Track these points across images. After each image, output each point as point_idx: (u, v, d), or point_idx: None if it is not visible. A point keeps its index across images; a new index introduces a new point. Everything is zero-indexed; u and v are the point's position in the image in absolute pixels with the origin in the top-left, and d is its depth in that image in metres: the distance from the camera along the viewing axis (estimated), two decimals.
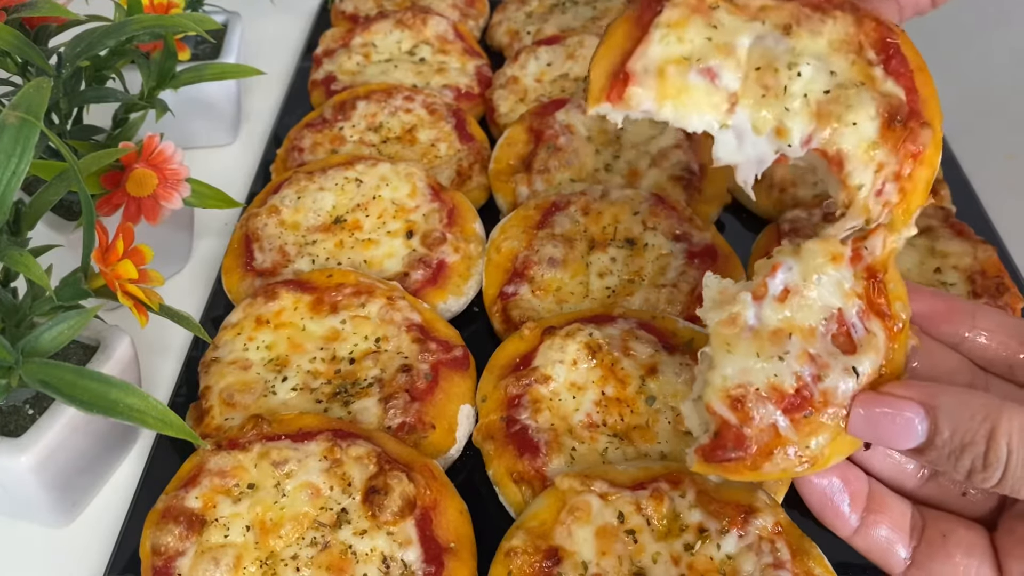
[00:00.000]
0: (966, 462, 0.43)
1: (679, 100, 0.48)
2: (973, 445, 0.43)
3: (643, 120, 0.86)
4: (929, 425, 0.44)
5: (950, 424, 0.44)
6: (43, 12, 0.62)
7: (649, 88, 0.48)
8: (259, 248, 0.76)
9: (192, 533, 0.54)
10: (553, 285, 0.73)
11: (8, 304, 0.56)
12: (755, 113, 0.48)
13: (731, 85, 0.48)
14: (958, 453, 0.43)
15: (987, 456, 0.43)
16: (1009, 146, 0.99)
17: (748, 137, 0.49)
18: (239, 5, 0.99)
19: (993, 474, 0.43)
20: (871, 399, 0.45)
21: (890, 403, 0.45)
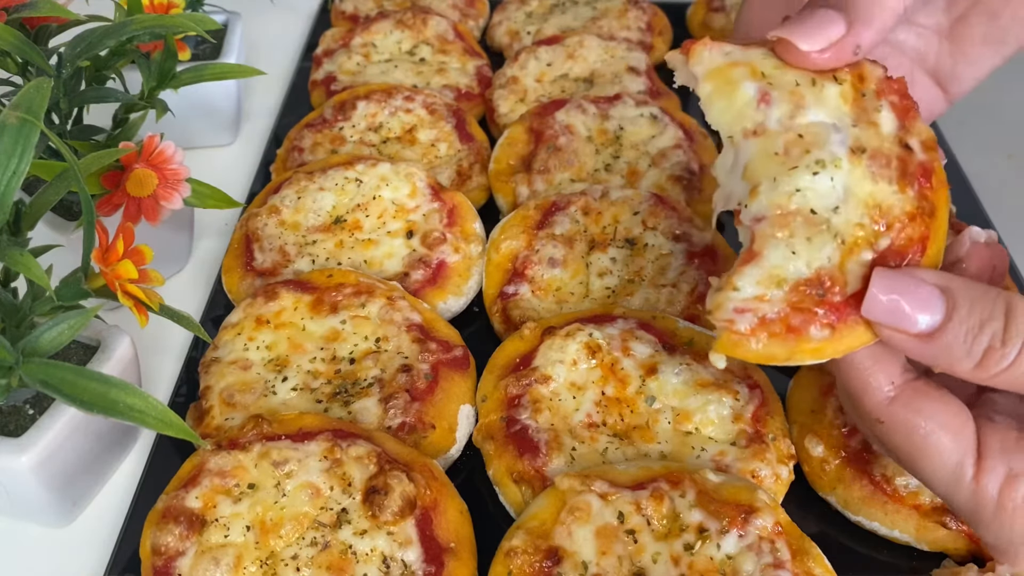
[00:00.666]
0: (984, 339, 0.43)
1: (721, 88, 0.47)
2: (992, 320, 0.43)
3: (643, 120, 0.87)
4: (946, 304, 0.43)
5: (968, 298, 0.43)
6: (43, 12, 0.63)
7: (712, 63, 0.47)
8: (259, 248, 0.76)
9: (192, 533, 0.54)
10: (553, 285, 0.73)
11: (8, 304, 0.56)
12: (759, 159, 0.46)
13: (769, 120, 0.46)
14: (976, 330, 0.43)
15: (1007, 330, 0.42)
16: (1009, 146, 0.99)
17: (737, 170, 0.48)
18: (239, 5, 0.99)
19: (1012, 350, 0.42)
20: (888, 275, 0.44)
21: (910, 278, 0.44)
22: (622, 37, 1.03)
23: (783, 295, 0.45)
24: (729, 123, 0.47)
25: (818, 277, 0.45)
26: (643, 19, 1.06)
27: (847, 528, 0.62)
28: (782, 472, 0.60)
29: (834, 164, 0.45)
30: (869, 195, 0.45)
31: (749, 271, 0.45)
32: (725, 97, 0.47)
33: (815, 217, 0.45)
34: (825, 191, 0.45)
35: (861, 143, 0.45)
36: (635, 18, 1.05)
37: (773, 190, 0.45)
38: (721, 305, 0.46)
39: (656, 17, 1.08)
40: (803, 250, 0.45)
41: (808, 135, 0.45)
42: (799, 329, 0.45)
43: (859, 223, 0.45)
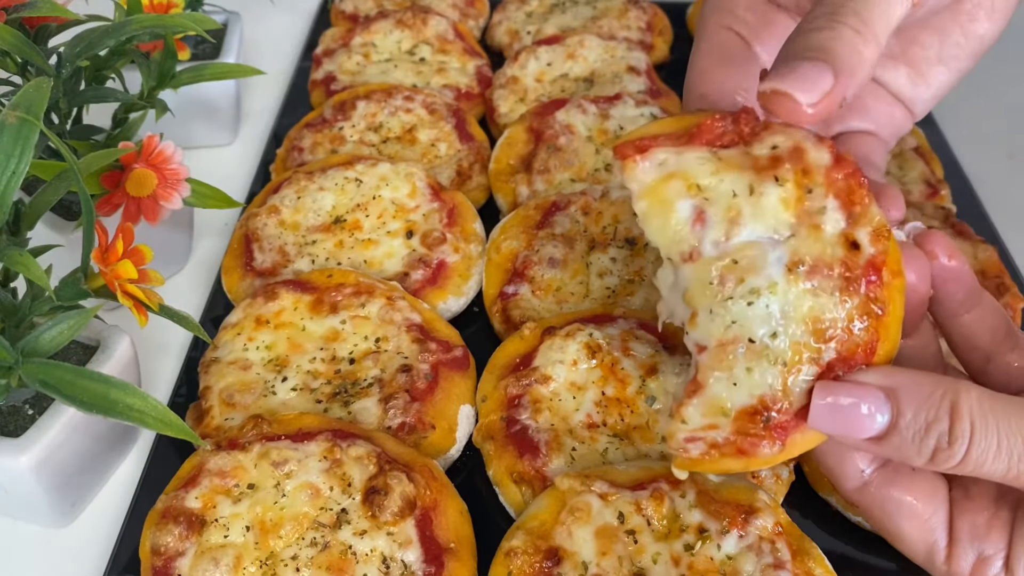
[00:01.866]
0: (931, 442, 0.43)
1: (655, 207, 0.47)
2: (937, 422, 0.43)
3: (644, 120, 0.86)
4: (891, 409, 0.44)
5: (912, 404, 0.43)
6: (43, 12, 0.62)
7: (646, 177, 0.47)
8: (259, 248, 0.76)
9: (192, 533, 0.54)
10: (553, 285, 0.73)
11: (8, 304, 0.56)
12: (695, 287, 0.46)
13: (704, 243, 0.46)
14: (922, 433, 0.43)
15: (952, 431, 0.42)
16: (1009, 146, 0.99)
17: (677, 291, 0.48)
18: (239, 5, 0.99)
19: (958, 450, 0.43)
20: (830, 387, 0.44)
21: (851, 390, 0.44)
22: (622, 37, 1.03)
23: (729, 423, 0.46)
24: (666, 245, 0.47)
25: (762, 403, 0.45)
26: (643, 19, 1.06)
27: (847, 528, 0.62)
28: (782, 472, 0.60)
29: (769, 290, 0.44)
30: (808, 312, 0.44)
31: (695, 403, 0.46)
32: (660, 216, 0.46)
33: (753, 346, 0.45)
34: (762, 318, 0.45)
35: (799, 256, 0.44)
36: (635, 18, 1.05)
37: (710, 321, 0.46)
38: (673, 435, 0.47)
39: (656, 17, 1.08)
40: (744, 381, 0.45)
41: (743, 260, 0.45)
42: (749, 450, 0.45)
43: (800, 343, 0.44)
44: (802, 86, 0.44)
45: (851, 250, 0.45)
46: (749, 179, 0.45)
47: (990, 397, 0.43)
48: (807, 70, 0.44)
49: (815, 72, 0.44)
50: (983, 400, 0.43)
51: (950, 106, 1.00)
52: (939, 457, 0.43)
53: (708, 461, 0.47)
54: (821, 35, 0.45)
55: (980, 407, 0.43)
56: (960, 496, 0.48)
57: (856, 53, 0.44)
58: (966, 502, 0.48)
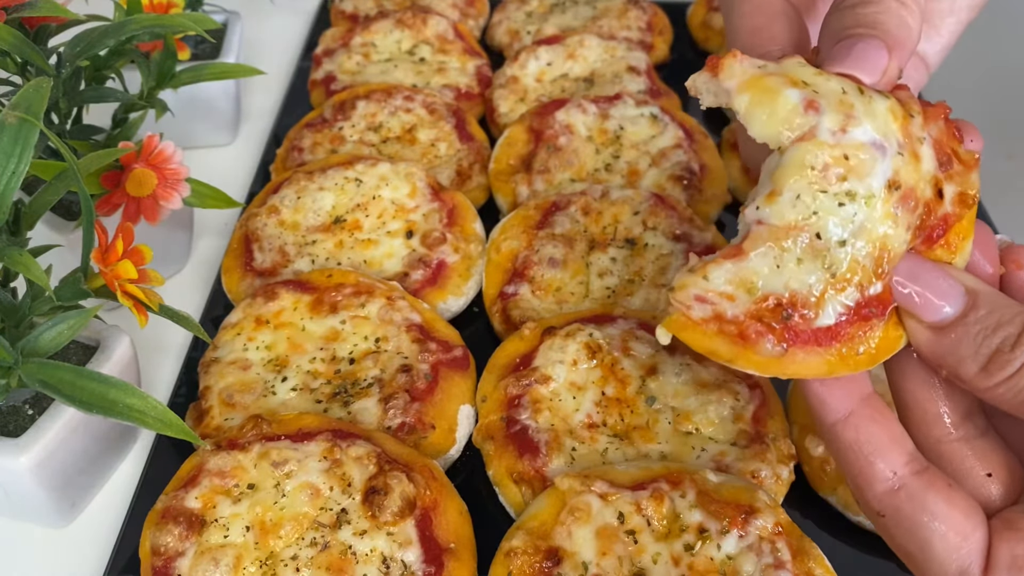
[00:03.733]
0: (994, 341, 0.42)
1: (760, 98, 0.43)
2: (1009, 325, 0.42)
3: (643, 120, 0.87)
4: (967, 302, 0.43)
5: (989, 304, 0.43)
6: (43, 12, 0.62)
7: (745, 74, 0.44)
8: (259, 248, 0.76)
9: (192, 533, 0.54)
10: (553, 285, 0.73)
11: (8, 304, 0.56)
12: (793, 167, 0.43)
13: (820, 129, 0.42)
14: (989, 331, 0.42)
15: (1020, 336, 0.42)
16: (1009, 146, 0.99)
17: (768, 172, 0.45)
18: (239, 5, 0.99)
19: (1020, 355, 0.42)
20: (920, 263, 0.44)
21: (941, 268, 0.44)
22: (622, 37, 1.03)
23: (750, 301, 0.43)
24: (775, 133, 0.43)
25: (792, 300, 0.43)
26: (643, 19, 1.06)
27: (847, 528, 0.62)
28: (782, 472, 0.60)
29: (866, 200, 0.42)
30: (882, 237, 0.43)
31: (727, 266, 0.43)
32: (766, 106, 0.43)
33: (818, 243, 0.43)
34: (844, 222, 0.42)
35: (899, 178, 0.43)
36: (635, 18, 1.05)
37: (791, 204, 0.43)
38: (685, 286, 0.44)
39: (656, 17, 1.08)
40: (789, 269, 0.43)
41: (854, 159, 0.42)
42: (752, 338, 0.43)
43: (860, 263, 0.43)
44: (863, 67, 0.44)
45: (937, 197, 0.44)
46: (854, 83, 0.44)
47: None
48: (863, 50, 0.44)
49: (872, 50, 0.44)
50: None
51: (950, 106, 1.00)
52: (996, 361, 0.42)
53: (702, 332, 0.44)
54: (868, 10, 0.44)
55: None
56: (1001, 525, 0.44)
57: (904, 25, 0.44)
58: (1008, 532, 0.44)
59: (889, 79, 0.44)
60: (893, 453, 0.45)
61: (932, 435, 0.47)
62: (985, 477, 0.46)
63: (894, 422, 0.46)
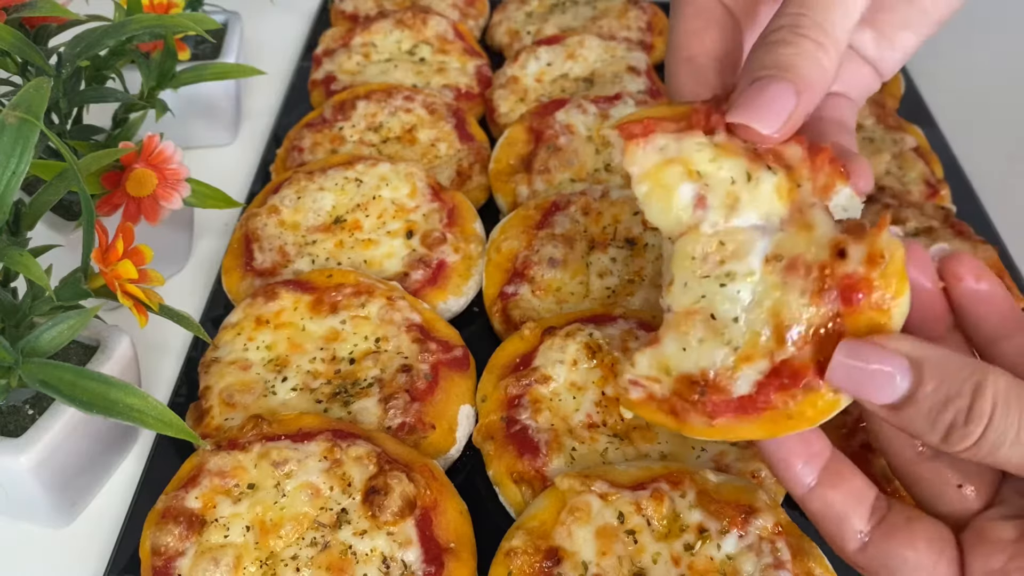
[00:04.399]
0: (947, 416, 0.42)
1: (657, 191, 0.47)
2: (958, 398, 0.42)
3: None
4: (913, 377, 0.43)
5: (936, 375, 0.42)
6: (43, 12, 0.62)
7: (647, 161, 0.47)
8: (259, 248, 0.76)
9: (192, 533, 0.54)
10: (553, 285, 0.73)
11: (8, 304, 0.56)
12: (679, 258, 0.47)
13: (704, 224, 0.46)
14: (940, 407, 0.42)
15: (971, 410, 0.41)
16: (1010, 146, 0.99)
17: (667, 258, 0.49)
18: (239, 5, 0.99)
19: (975, 429, 0.41)
20: (855, 345, 0.44)
21: (876, 351, 0.43)
22: (622, 37, 1.03)
23: (671, 382, 0.47)
24: (668, 226, 0.48)
25: (703, 376, 0.46)
26: (643, 19, 1.06)
27: None
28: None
29: (745, 277, 0.45)
30: (774, 307, 0.45)
31: (648, 353, 0.48)
32: (662, 200, 0.47)
33: (714, 323, 0.46)
34: (729, 300, 0.46)
35: (780, 250, 0.45)
36: (635, 18, 1.05)
37: (682, 292, 0.47)
38: (620, 374, 0.49)
39: (656, 17, 1.08)
40: (694, 350, 0.46)
41: (730, 244, 0.46)
42: (680, 414, 0.46)
43: (758, 334, 0.45)
44: (764, 117, 0.45)
45: (837, 257, 0.44)
46: (746, 166, 0.46)
47: (1019, 385, 0.42)
48: (770, 95, 0.45)
49: (777, 95, 0.45)
50: (1011, 386, 0.42)
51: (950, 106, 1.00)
52: (954, 435, 0.42)
53: (648, 409, 0.48)
54: (784, 51, 0.45)
55: (1006, 392, 0.41)
56: (973, 539, 0.46)
57: (818, 67, 0.45)
58: (980, 545, 0.46)
59: (793, 125, 0.45)
60: (856, 515, 0.47)
61: (904, 457, 0.49)
62: (957, 489, 0.48)
63: (855, 478, 0.48)
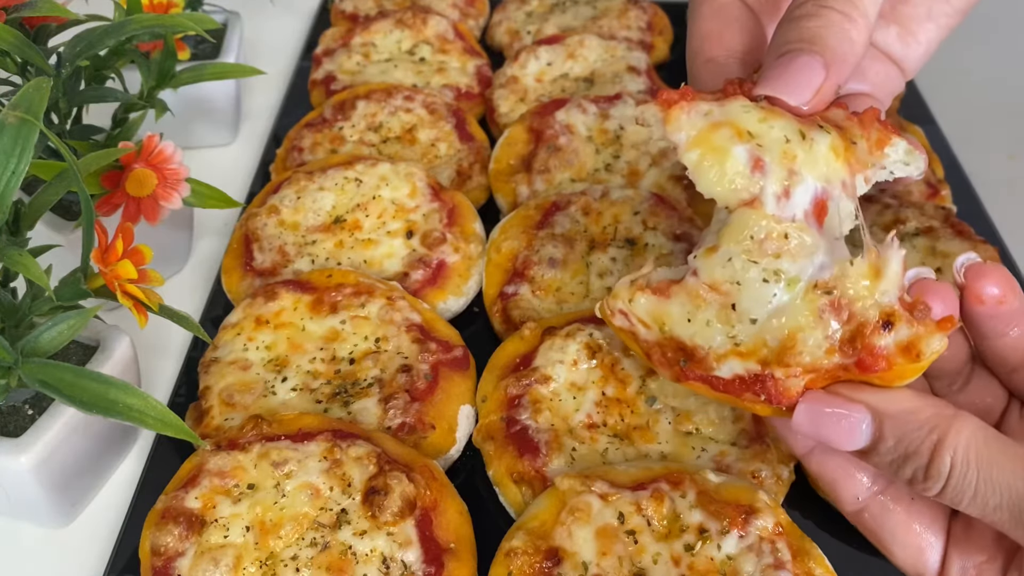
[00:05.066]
0: (907, 471, 0.43)
1: (709, 157, 0.44)
2: (917, 456, 0.42)
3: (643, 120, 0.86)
4: (874, 431, 0.43)
5: (895, 433, 0.43)
6: (43, 12, 0.62)
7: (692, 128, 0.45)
8: (259, 248, 0.75)
9: (192, 533, 0.54)
10: (553, 285, 0.73)
11: (8, 304, 0.56)
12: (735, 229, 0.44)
13: (765, 194, 0.43)
14: (900, 462, 0.43)
15: (929, 468, 0.42)
16: (1010, 146, 0.99)
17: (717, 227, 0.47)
18: (239, 5, 0.99)
19: (934, 485, 0.42)
20: (818, 398, 0.44)
21: (838, 404, 0.44)
22: (622, 36, 1.03)
23: (659, 335, 0.47)
24: (725, 194, 0.44)
25: (692, 351, 0.46)
26: (643, 18, 1.06)
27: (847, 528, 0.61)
28: (783, 472, 0.60)
29: (790, 283, 0.43)
30: (796, 330, 0.43)
31: (652, 300, 0.47)
32: (716, 165, 0.44)
33: (731, 312, 0.44)
34: (760, 299, 0.44)
35: (832, 284, 0.43)
36: (635, 17, 1.05)
37: (722, 264, 0.45)
38: (616, 296, 0.48)
39: (656, 16, 1.08)
40: (698, 326, 0.46)
41: (795, 241, 0.44)
42: (651, 359, 0.48)
43: (764, 343, 0.44)
44: (793, 89, 0.44)
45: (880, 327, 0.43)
46: (797, 125, 0.44)
47: (983, 440, 0.42)
48: (798, 68, 0.44)
49: (806, 69, 0.43)
50: (973, 442, 0.42)
51: (950, 106, 1.00)
52: (916, 487, 0.43)
53: (621, 333, 0.49)
54: (810, 24, 0.44)
55: (966, 450, 0.41)
56: (960, 531, 0.47)
57: (847, 40, 0.44)
58: (965, 542, 0.47)
59: (823, 97, 0.44)
60: (853, 482, 0.48)
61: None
62: None
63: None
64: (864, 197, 0.79)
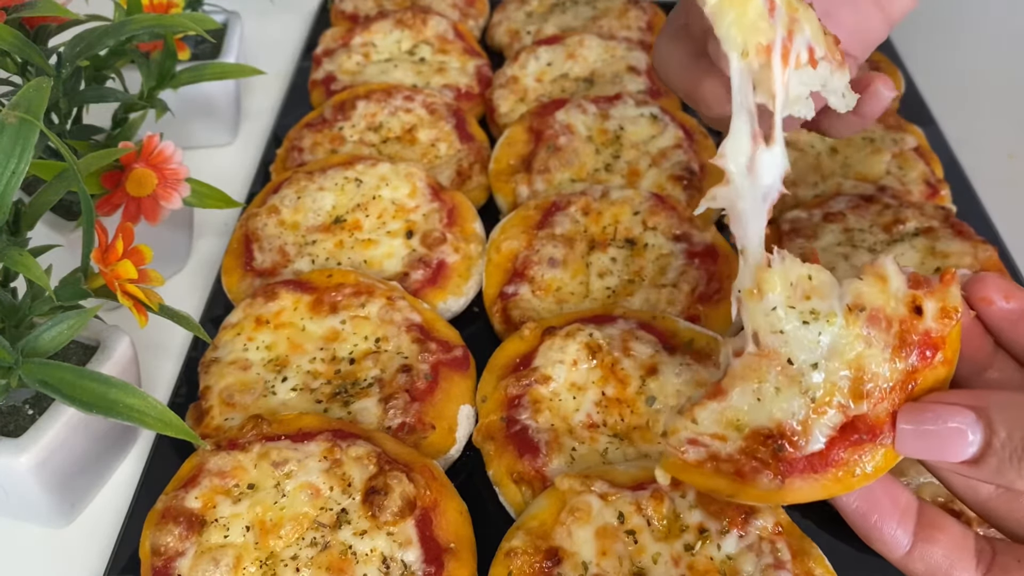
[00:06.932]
0: None
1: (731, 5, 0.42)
2: None
3: (644, 120, 0.87)
4: (983, 428, 0.41)
5: (1005, 420, 0.41)
6: (43, 12, 0.62)
7: None
8: (259, 248, 0.76)
9: (192, 533, 0.54)
10: (553, 285, 0.73)
11: (8, 304, 0.56)
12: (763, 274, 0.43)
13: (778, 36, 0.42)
14: (1020, 452, 0.40)
15: None
16: (1010, 146, 0.99)
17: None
18: (239, 5, 0.99)
19: None
20: (915, 409, 0.43)
21: (937, 411, 0.42)
22: (622, 36, 1.03)
23: (740, 439, 0.44)
24: (742, 36, 0.42)
25: (779, 429, 0.43)
26: (643, 18, 1.06)
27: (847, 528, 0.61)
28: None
29: (827, 318, 0.43)
30: (856, 359, 0.43)
31: (712, 407, 0.44)
32: (737, 7, 0.42)
33: (791, 368, 0.43)
34: (810, 343, 0.43)
35: (861, 301, 0.43)
36: (635, 17, 1.05)
37: (763, 316, 0.44)
38: (677, 432, 0.45)
39: (656, 16, 1.08)
40: (769, 400, 0.43)
41: (817, 279, 0.43)
42: (748, 475, 0.44)
43: (836, 386, 0.43)
44: None
45: (914, 313, 0.43)
46: None
47: None
48: None
49: None
50: None
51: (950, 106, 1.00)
52: None
53: (701, 472, 0.45)
54: None
55: None
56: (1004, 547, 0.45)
57: None
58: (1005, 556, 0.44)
59: None
60: (963, 568, 0.45)
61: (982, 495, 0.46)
62: None
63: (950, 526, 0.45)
64: (864, 197, 0.79)
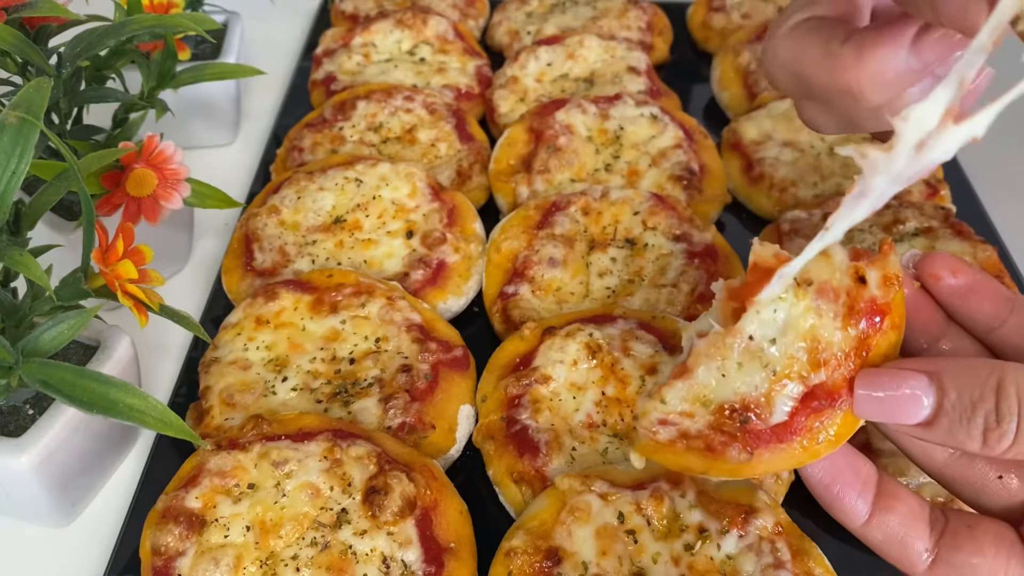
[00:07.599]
0: (979, 421, 0.42)
1: None
2: (983, 401, 0.42)
3: (643, 120, 0.87)
4: (936, 391, 0.43)
5: (956, 382, 0.43)
6: (43, 12, 0.62)
7: None
8: (259, 248, 0.76)
9: (192, 533, 0.54)
10: (553, 285, 0.73)
11: (8, 304, 0.56)
12: None
13: None
14: (969, 413, 0.42)
15: (999, 409, 0.42)
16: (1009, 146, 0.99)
17: None
18: (239, 5, 0.99)
19: (1008, 428, 0.42)
20: (871, 374, 0.45)
21: (892, 375, 0.44)
22: (622, 37, 1.03)
23: (708, 414, 0.46)
24: None
25: (743, 403, 0.45)
26: (643, 19, 1.06)
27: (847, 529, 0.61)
28: (782, 472, 0.60)
29: (779, 298, 0.45)
30: (810, 330, 0.45)
31: (679, 386, 0.46)
32: None
33: (751, 343, 0.45)
34: (766, 321, 0.45)
35: (810, 275, 0.45)
36: (635, 18, 1.05)
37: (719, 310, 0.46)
38: (647, 413, 0.47)
39: (656, 17, 1.08)
40: (733, 375, 0.45)
41: None
42: (718, 449, 0.46)
43: (794, 357, 0.45)
44: None
45: (858, 283, 0.45)
46: None
47: None
48: None
49: None
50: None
51: None
52: (990, 438, 0.42)
53: (673, 451, 0.47)
54: None
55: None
56: None
57: None
58: None
59: None
60: (916, 535, 0.46)
61: (938, 461, 0.48)
62: (998, 480, 0.47)
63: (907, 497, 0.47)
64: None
